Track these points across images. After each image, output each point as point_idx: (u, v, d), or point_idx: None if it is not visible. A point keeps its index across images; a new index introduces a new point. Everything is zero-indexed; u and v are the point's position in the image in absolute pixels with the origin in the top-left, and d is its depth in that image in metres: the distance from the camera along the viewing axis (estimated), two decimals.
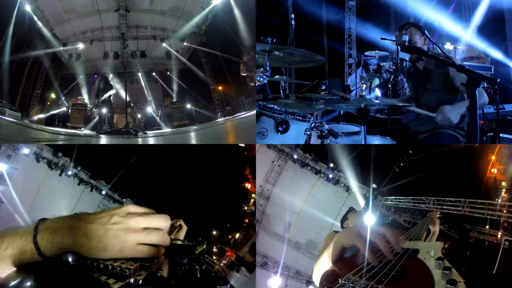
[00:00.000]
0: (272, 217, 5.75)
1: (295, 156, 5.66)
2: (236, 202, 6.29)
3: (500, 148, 3.87)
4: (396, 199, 4.92)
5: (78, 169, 6.38)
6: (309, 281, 5.51)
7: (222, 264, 5.93)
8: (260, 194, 5.70)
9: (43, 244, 0.74)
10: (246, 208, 6.18)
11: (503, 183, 3.78)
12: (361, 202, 5.24)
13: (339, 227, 2.59)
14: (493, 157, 3.93)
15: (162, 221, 0.82)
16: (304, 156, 5.63)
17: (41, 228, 0.76)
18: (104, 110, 8.09)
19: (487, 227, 3.67)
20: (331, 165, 5.51)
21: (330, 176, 5.55)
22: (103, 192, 6.64)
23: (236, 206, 6.23)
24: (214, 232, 6.72)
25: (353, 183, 5.41)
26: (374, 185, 4.95)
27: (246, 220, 6.28)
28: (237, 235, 6.27)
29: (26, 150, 5.84)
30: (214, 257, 6.42)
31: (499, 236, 3.45)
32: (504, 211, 3.47)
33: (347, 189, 5.55)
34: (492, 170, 3.92)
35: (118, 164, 6.09)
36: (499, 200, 3.65)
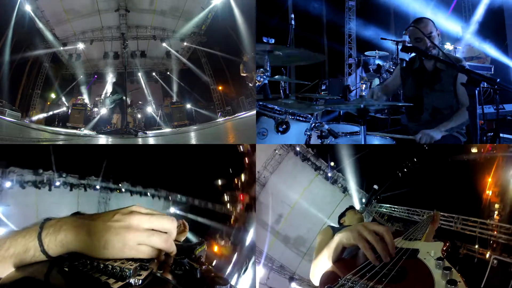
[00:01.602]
0: (264, 206, 5.64)
1: (298, 149, 5.64)
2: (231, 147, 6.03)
3: (496, 169, 3.92)
4: (390, 207, 4.92)
5: (64, 176, 6.30)
6: (292, 277, 5.39)
7: (238, 210, 5.74)
8: (256, 180, 5.61)
9: (47, 241, 0.75)
10: (241, 148, 5.87)
11: (496, 205, 3.83)
12: (357, 205, 5.22)
13: (332, 225, 2.59)
14: (489, 179, 3.98)
15: (166, 223, 0.81)
16: (306, 150, 5.61)
17: (46, 226, 0.77)
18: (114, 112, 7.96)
19: (477, 246, 3.71)
20: (332, 164, 5.52)
21: (329, 174, 5.54)
22: (97, 187, 6.58)
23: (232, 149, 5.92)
24: (220, 182, 6.60)
25: (352, 185, 5.40)
26: (376, 186, 4.94)
27: (246, 160, 6.05)
28: (243, 177, 5.97)
29: (8, 183, 5.77)
30: (229, 205, 6.34)
31: (487, 255, 3.49)
32: (495, 232, 3.53)
33: (344, 190, 5.54)
34: (487, 192, 3.97)
35: (101, 156, 6.02)
36: (492, 221, 3.70)
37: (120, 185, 6.77)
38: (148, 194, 7.25)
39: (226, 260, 5.54)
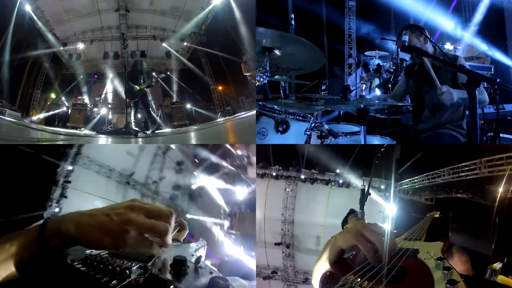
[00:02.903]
0: (301, 237, 6.03)
1: (302, 176, 5.88)
2: None
3: None
4: (410, 181, 4.84)
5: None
6: None
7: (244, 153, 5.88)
8: (284, 221, 6.03)
9: (50, 234, 0.77)
10: None
11: None
12: (376, 197, 5.31)
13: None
14: None
15: (164, 213, 0.83)
16: (311, 173, 5.88)
17: (48, 222, 0.79)
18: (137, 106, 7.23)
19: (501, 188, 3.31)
20: (337, 171, 5.65)
21: (341, 181, 5.71)
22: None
23: None
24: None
25: (359, 182, 5.50)
26: (362, 186, 4.99)
27: None
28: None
29: None
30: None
31: None
32: None
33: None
34: None
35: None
36: None
37: None
38: None
39: None
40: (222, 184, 6.03)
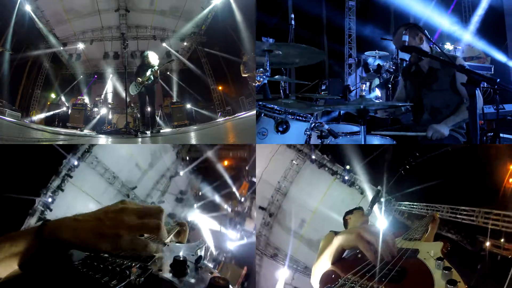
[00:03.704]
0: (287, 213, 5.91)
1: (313, 157, 5.78)
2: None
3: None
4: (409, 204, 4.88)
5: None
6: None
7: (247, 204, 5.87)
8: (277, 190, 5.88)
9: (48, 239, 0.78)
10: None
11: None
12: (375, 207, 5.29)
13: (335, 231, 2.57)
14: (511, 167, 3.84)
15: (154, 211, 0.85)
16: (322, 157, 5.80)
17: (46, 226, 0.80)
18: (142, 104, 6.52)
19: (502, 240, 3.49)
20: (347, 167, 5.61)
21: (346, 177, 5.66)
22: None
23: None
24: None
25: (366, 185, 5.47)
26: (379, 187, 4.95)
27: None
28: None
29: None
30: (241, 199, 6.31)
31: None
32: None
33: (362, 191, 5.62)
34: (510, 180, 3.82)
35: None
36: None
37: None
38: None
39: None
40: (216, 225, 6.02)
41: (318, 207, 5.69)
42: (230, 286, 0.70)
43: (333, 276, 0.94)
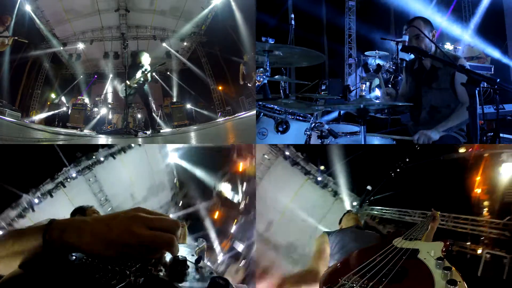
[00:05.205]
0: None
1: (287, 153, 5.38)
2: None
3: (484, 169, 3.98)
4: (381, 209, 4.89)
5: None
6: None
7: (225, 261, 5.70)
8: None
9: (53, 240, 0.76)
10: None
11: (485, 203, 3.90)
12: (348, 208, 5.15)
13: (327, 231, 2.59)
14: (478, 178, 4.03)
15: (169, 224, 0.80)
16: (296, 155, 5.44)
17: (51, 226, 0.78)
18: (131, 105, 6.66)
19: (469, 242, 3.73)
20: (322, 167, 5.34)
21: (319, 178, 5.34)
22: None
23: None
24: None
25: (343, 189, 5.26)
26: (369, 187, 4.94)
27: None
28: None
29: None
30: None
31: (479, 251, 3.55)
32: (486, 228, 3.60)
33: (335, 194, 5.35)
34: (476, 190, 4.03)
35: None
36: (482, 217, 3.76)
37: None
38: None
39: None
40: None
41: (287, 207, 5.31)
42: (229, 285, 0.70)
43: (333, 276, 0.94)
